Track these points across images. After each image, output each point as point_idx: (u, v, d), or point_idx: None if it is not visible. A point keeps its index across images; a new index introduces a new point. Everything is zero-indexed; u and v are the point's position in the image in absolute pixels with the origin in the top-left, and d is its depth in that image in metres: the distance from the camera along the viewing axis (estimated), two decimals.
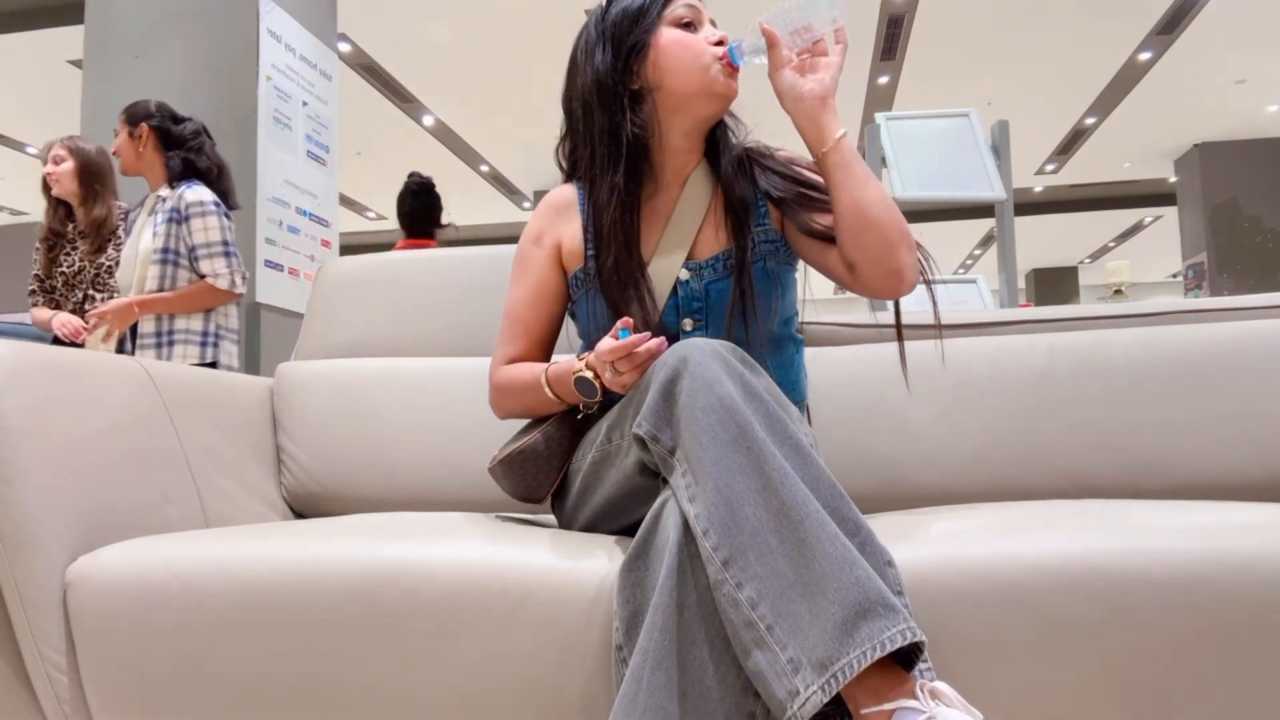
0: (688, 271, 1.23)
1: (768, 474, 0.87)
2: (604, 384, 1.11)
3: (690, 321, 1.23)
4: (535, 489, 1.26)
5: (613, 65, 1.22)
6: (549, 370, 1.20)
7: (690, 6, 1.23)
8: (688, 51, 1.21)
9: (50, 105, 7.86)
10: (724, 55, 1.20)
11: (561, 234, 1.31)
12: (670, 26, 1.23)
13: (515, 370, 1.27)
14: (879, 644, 0.79)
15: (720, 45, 1.21)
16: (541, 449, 1.23)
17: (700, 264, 1.24)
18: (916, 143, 2.96)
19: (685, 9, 1.23)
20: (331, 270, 1.81)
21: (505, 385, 1.27)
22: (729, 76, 1.21)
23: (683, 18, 1.23)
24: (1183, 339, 1.45)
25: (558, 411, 1.24)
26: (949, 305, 1.47)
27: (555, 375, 1.19)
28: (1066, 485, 1.41)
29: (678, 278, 1.23)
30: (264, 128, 3.98)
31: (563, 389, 1.18)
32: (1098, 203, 12.30)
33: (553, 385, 1.19)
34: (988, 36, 7.19)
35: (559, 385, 1.18)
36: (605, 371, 1.08)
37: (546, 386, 1.20)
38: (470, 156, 9.97)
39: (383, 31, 6.81)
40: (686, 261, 1.24)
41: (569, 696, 0.97)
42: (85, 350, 1.34)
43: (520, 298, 1.30)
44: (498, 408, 1.30)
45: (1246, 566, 0.88)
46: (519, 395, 1.25)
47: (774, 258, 1.25)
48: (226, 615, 1.02)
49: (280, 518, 1.60)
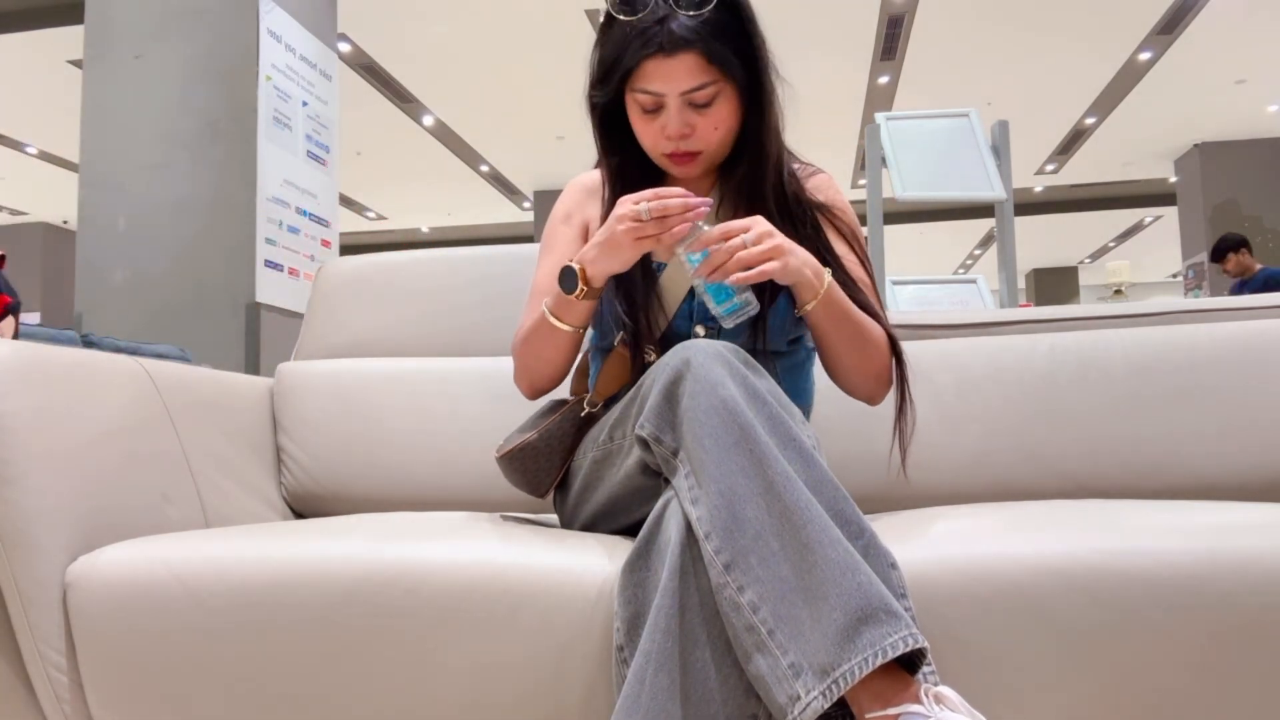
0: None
1: (770, 477, 0.87)
2: (587, 276, 1.12)
3: (703, 329, 1.23)
4: (537, 484, 1.26)
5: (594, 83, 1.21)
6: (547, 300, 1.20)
7: (653, 95, 1.14)
8: (644, 136, 1.19)
9: (50, 105, 7.86)
10: (674, 154, 1.17)
11: (589, 215, 1.32)
12: (635, 102, 1.17)
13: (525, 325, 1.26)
14: (881, 650, 0.79)
15: (682, 139, 1.16)
16: (541, 445, 1.23)
17: None
18: (916, 143, 2.96)
19: (646, 97, 1.15)
20: (331, 270, 1.81)
21: (519, 338, 1.26)
22: (681, 167, 1.19)
23: (645, 105, 1.16)
24: (1183, 339, 1.44)
25: (562, 346, 1.20)
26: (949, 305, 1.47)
27: (553, 297, 1.18)
28: (1066, 485, 1.41)
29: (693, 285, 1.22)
30: (264, 128, 3.98)
31: (557, 304, 1.17)
32: (1098, 203, 12.29)
33: (550, 306, 1.18)
34: (988, 36, 7.19)
35: (553, 300, 1.18)
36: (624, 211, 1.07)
37: (546, 310, 1.18)
38: (470, 156, 9.97)
39: (383, 31, 6.81)
40: None
41: (569, 697, 0.97)
42: (86, 350, 1.34)
43: (548, 272, 1.28)
44: (517, 373, 1.28)
45: (1246, 566, 0.88)
46: (529, 340, 1.23)
47: None
48: (226, 615, 1.02)
49: (280, 518, 1.60)
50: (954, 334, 1.56)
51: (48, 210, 11.08)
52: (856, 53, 7.37)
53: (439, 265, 1.75)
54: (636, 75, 1.14)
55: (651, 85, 1.13)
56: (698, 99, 1.14)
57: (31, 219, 11.30)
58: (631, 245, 1.09)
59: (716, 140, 1.18)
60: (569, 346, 1.21)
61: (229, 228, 3.85)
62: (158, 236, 3.78)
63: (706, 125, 1.16)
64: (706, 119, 1.15)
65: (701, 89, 1.13)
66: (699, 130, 1.16)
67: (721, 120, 1.16)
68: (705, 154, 1.19)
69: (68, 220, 11.10)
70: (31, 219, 11.30)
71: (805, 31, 6.73)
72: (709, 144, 1.17)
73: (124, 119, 3.86)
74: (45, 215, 11.25)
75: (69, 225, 11.18)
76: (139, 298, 3.76)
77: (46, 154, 9.33)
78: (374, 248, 12.97)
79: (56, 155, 9.31)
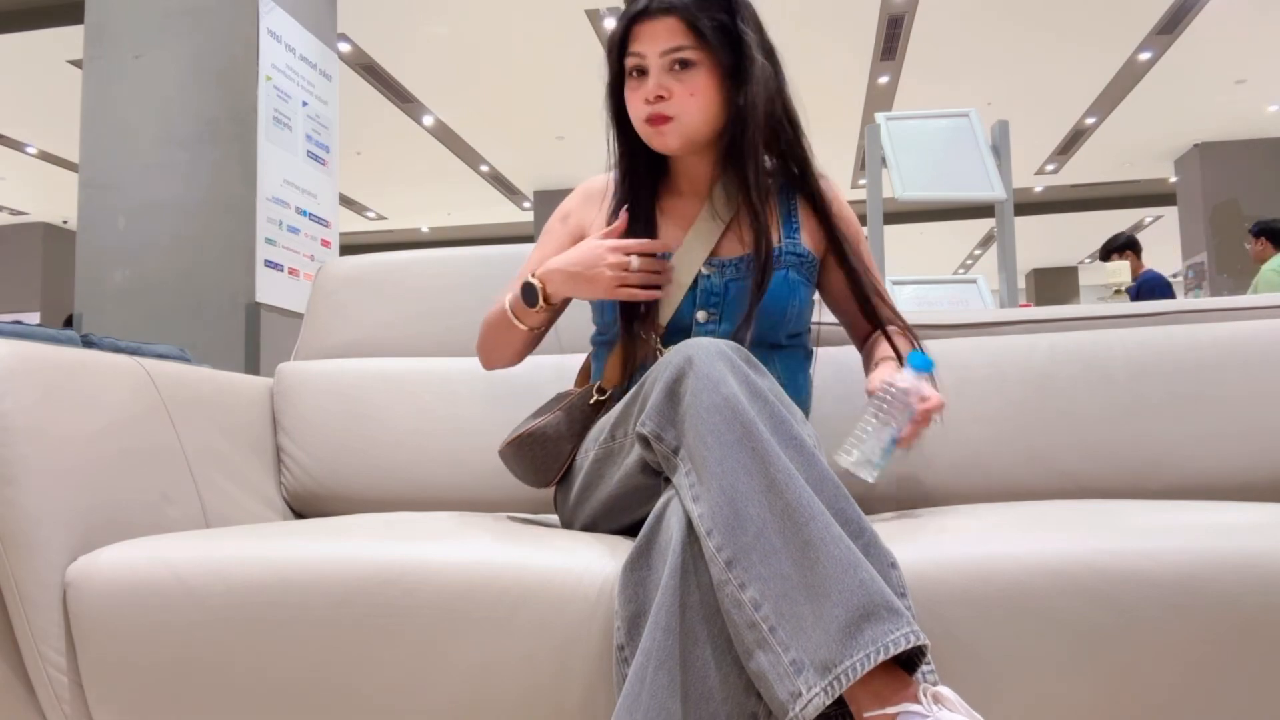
0: (709, 268, 1.26)
1: (772, 474, 0.87)
2: (548, 293, 1.23)
3: (705, 314, 1.25)
4: (544, 472, 1.27)
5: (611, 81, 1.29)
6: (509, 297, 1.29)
7: (637, 57, 1.23)
8: (631, 104, 1.27)
9: (50, 105, 7.85)
10: (651, 116, 1.23)
11: (586, 219, 1.37)
12: (627, 73, 1.26)
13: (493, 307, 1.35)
14: (882, 647, 0.79)
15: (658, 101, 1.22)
16: (550, 432, 1.25)
17: (723, 261, 1.27)
18: (916, 143, 2.95)
19: (631, 59, 1.24)
20: (331, 270, 1.81)
21: (486, 318, 1.35)
22: (657, 135, 1.25)
23: (629, 68, 1.25)
24: (1183, 339, 1.44)
25: (515, 341, 1.32)
26: (949, 305, 1.48)
27: (515, 297, 1.28)
28: (1066, 485, 1.41)
29: (699, 271, 1.25)
30: (264, 128, 3.97)
31: (517, 305, 1.27)
32: (1098, 203, 12.28)
33: (512, 303, 1.28)
34: (988, 37, 7.18)
35: (514, 300, 1.28)
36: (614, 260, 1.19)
37: (507, 305, 1.28)
38: (470, 156, 9.97)
39: (383, 31, 6.80)
40: (710, 259, 1.26)
41: (569, 697, 0.97)
42: (86, 350, 1.34)
43: (536, 262, 1.35)
44: (478, 345, 1.37)
45: (1246, 566, 0.88)
46: (491, 323, 1.33)
47: (797, 269, 1.27)
48: (226, 615, 1.02)
49: (280, 518, 1.60)
50: (954, 334, 1.56)
51: (48, 210, 11.07)
52: (856, 53, 7.37)
53: (439, 265, 1.75)
54: (627, 40, 1.24)
55: (636, 46, 1.23)
56: (675, 60, 1.21)
57: (31, 219, 11.28)
58: (609, 289, 1.20)
59: (693, 108, 1.23)
60: (523, 344, 1.34)
61: (229, 228, 3.84)
62: (158, 236, 3.77)
63: (683, 90, 1.22)
64: (683, 84, 1.22)
65: (679, 50, 1.21)
66: (676, 94, 1.22)
67: (699, 88, 1.22)
68: (679, 122, 1.23)
69: (68, 220, 11.09)
70: (31, 219, 11.28)
71: (805, 31, 6.73)
72: (684, 110, 1.23)
73: (124, 119, 3.85)
74: (45, 215, 11.24)
75: (69, 225, 11.17)
76: (139, 298, 3.76)
77: (46, 154, 9.32)
78: (374, 248, 12.97)
79: (56, 155, 9.30)
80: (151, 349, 1.90)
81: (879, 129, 2.98)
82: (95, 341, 1.85)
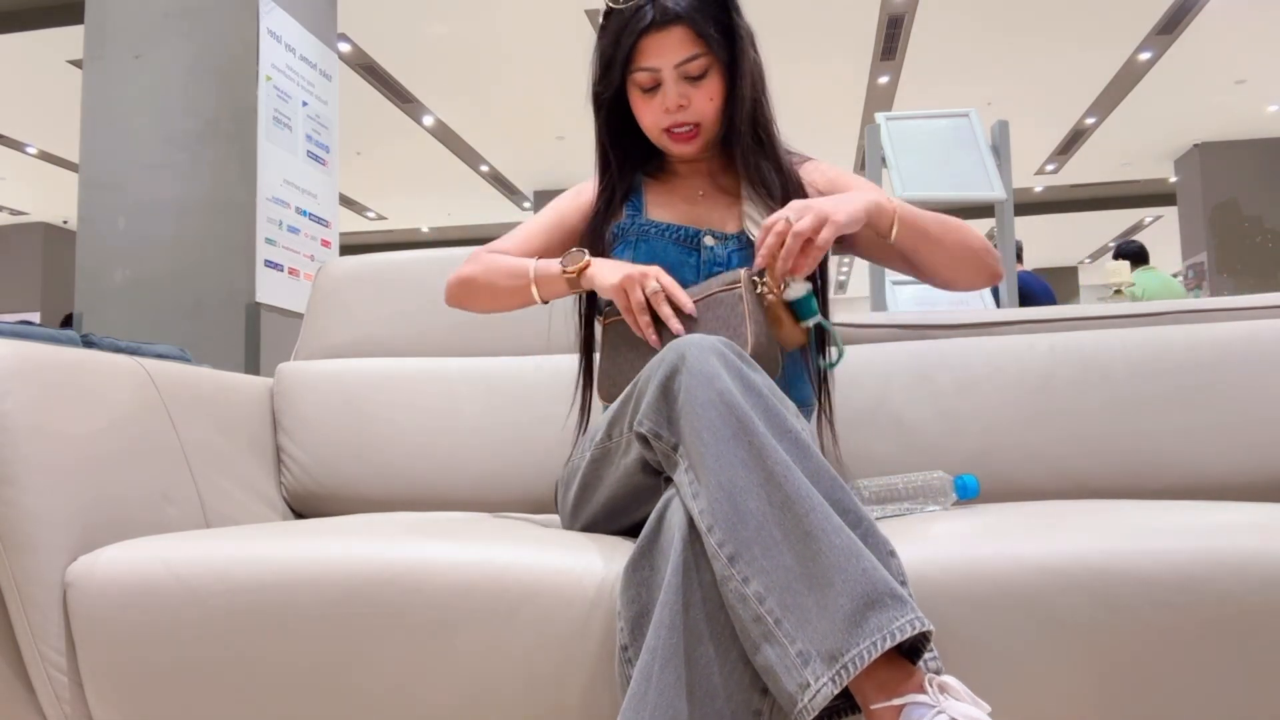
0: (714, 239, 1.29)
1: (770, 467, 0.88)
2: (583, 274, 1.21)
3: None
4: (617, 379, 1.22)
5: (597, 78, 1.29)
6: (539, 262, 1.27)
7: (650, 72, 1.23)
8: (645, 116, 1.27)
9: (50, 105, 7.85)
10: (671, 126, 1.25)
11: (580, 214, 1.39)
12: (635, 85, 1.26)
13: (503, 256, 1.33)
14: (888, 634, 0.79)
15: (680, 110, 1.23)
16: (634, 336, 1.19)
17: (727, 235, 1.30)
18: (916, 143, 2.96)
19: (645, 75, 1.24)
20: (331, 270, 1.81)
21: (487, 259, 1.33)
22: (680, 145, 1.27)
23: (643, 84, 1.25)
24: (1183, 339, 1.45)
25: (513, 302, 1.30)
26: (949, 305, 1.48)
27: (543, 265, 1.26)
28: (1066, 485, 1.41)
29: (704, 243, 1.29)
30: (264, 128, 3.97)
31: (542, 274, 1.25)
32: (1098, 203, 12.28)
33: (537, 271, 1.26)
34: (988, 37, 7.18)
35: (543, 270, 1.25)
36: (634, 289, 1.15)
37: (531, 270, 1.26)
38: (470, 156, 9.96)
39: (383, 31, 6.80)
40: (714, 231, 1.30)
41: (569, 697, 0.97)
42: (86, 350, 1.34)
43: (537, 219, 1.37)
44: (458, 276, 1.34)
45: (1245, 566, 0.88)
46: (496, 268, 1.31)
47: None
48: (226, 615, 1.02)
49: (280, 518, 1.60)
50: (954, 334, 1.56)
51: (48, 210, 11.07)
52: (856, 53, 7.36)
53: (439, 265, 1.75)
54: (634, 56, 1.22)
55: (648, 61, 1.22)
56: (691, 70, 1.23)
57: (31, 219, 11.28)
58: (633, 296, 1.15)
59: (712, 112, 1.26)
60: (517, 306, 1.31)
61: (229, 228, 3.84)
62: (158, 236, 3.77)
63: (701, 97, 1.24)
64: (701, 90, 1.24)
65: (694, 59, 1.22)
66: (695, 101, 1.24)
67: (715, 92, 1.25)
68: (703, 128, 1.26)
69: (68, 220, 11.09)
70: (31, 219, 11.28)
71: (805, 31, 6.73)
72: (705, 115, 1.25)
73: (124, 119, 3.85)
74: (45, 215, 11.23)
75: (69, 225, 11.17)
76: (139, 298, 3.76)
77: (46, 154, 9.32)
78: (374, 248, 12.97)
79: (56, 155, 9.30)
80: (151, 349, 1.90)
81: (879, 129, 2.98)
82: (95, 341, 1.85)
